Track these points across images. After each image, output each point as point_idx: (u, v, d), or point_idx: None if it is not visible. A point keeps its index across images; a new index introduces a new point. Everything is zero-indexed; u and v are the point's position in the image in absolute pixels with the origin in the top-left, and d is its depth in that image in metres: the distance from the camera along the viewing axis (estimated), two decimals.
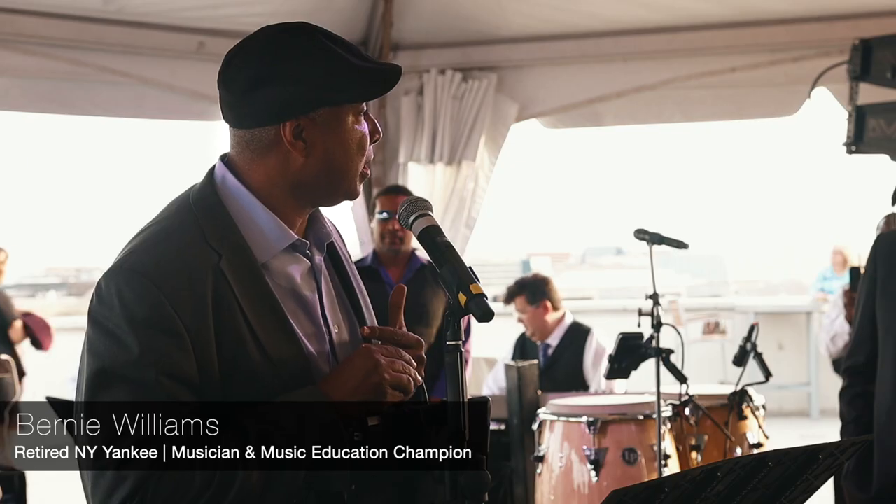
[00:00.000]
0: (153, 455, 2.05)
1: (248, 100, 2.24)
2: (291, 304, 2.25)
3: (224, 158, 2.32)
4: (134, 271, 2.13)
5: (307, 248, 2.33)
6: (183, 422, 2.08)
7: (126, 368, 2.08)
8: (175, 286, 2.12)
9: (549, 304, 7.01)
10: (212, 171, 2.32)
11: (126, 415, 2.06)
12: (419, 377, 2.29)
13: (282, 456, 2.07)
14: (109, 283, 2.13)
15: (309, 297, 2.30)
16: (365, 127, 2.31)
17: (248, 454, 2.06)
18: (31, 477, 6.32)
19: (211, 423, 2.09)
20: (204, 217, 2.23)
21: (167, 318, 2.09)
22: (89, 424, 2.08)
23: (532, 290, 7.02)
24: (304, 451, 2.08)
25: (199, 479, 2.04)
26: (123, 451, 2.05)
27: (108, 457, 2.05)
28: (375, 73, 2.29)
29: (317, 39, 2.27)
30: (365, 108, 2.32)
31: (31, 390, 9.40)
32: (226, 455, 2.06)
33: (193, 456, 2.06)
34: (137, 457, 2.05)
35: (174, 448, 2.06)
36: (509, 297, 7.12)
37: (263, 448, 2.07)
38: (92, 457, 2.07)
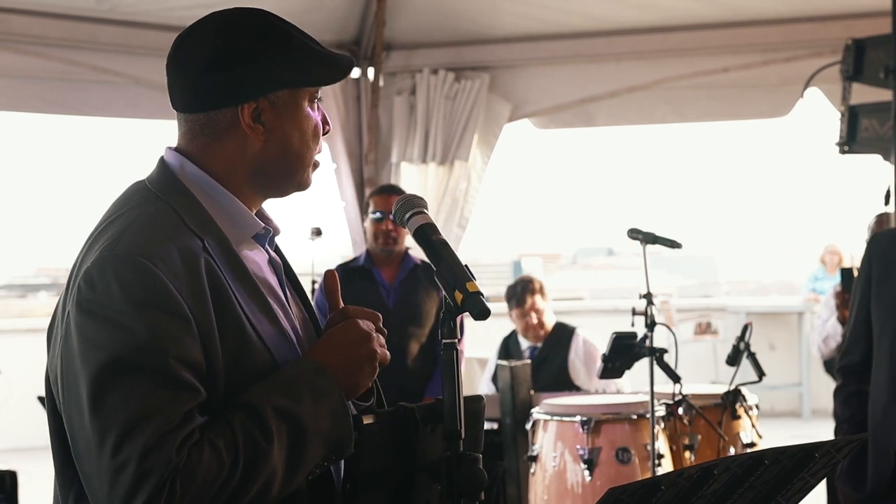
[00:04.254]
0: (176, 445, 1.89)
1: (203, 81, 2.15)
2: (266, 292, 2.19)
3: (176, 149, 2.21)
4: (132, 254, 1.98)
5: (267, 240, 2.27)
6: (200, 410, 1.96)
7: (136, 356, 1.92)
8: (175, 268, 2.00)
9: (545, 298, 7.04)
10: (162, 161, 2.21)
11: (142, 405, 1.90)
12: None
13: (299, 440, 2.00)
14: (104, 269, 1.97)
15: (276, 285, 2.25)
16: (318, 115, 2.25)
17: (270, 437, 1.97)
18: (23, 476, 6.31)
19: (227, 410, 1.99)
20: (176, 203, 2.12)
21: (173, 300, 1.96)
22: (101, 420, 1.91)
23: (540, 287, 7.02)
24: (318, 429, 2.02)
25: (226, 463, 1.92)
26: (144, 444, 1.88)
27: (126, 453, 1.88)
28: (333, 59, 2.24)
29: (272, 22, 2.21)
30: (318, 95, 2.25)
31: (24, 389, 9.38)
32: (247, 438, 1.96)
33: (215, 445, 1.93)
34: (160, 448, 1.88)
35: (196, 437, 1.93)
36: (523, 298, 6.97)
37: (283, 428, 1.99)
38: (108, 455, 1.89)
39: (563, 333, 6.99)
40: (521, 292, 6.95)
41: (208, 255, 2.08)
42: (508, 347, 7.19)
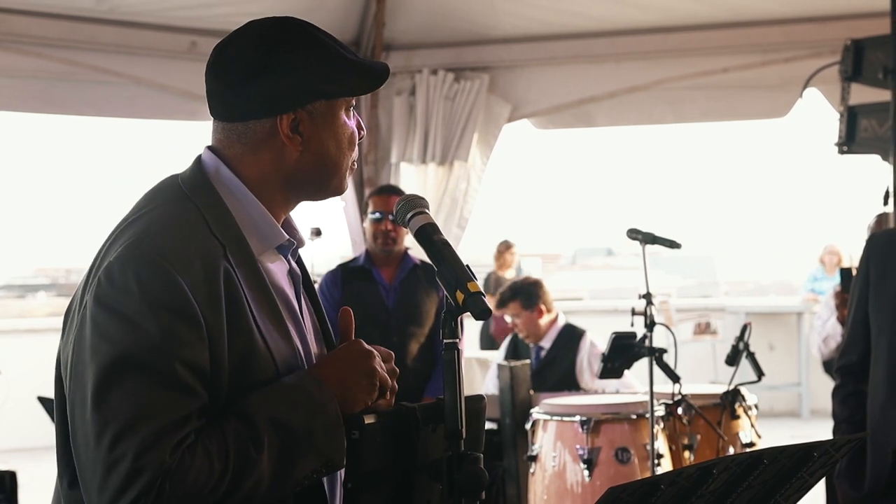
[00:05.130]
0: (171, 447, 1.93)
1: (242, 91, 2.18)
2: (281, 303, 2.22)
3: (214, 152, 2.24)
4: (154, 255, 2.02)
5: (289, 251, 2.29)
6: (199, 414, 2.00)
7: (145, 355, 1.97)
8: (194, 273, 2.03)
9: (543, 307, 7.01)
10: (199, 161, 2.24)
11: (144, 404, 1.94)
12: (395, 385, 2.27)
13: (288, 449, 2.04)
14: (125, 267, 2.01)
15: (292, 297, 2.27)
16: (353, 122, 2.28)
17: (261, 448, 2.01)
18: (22, 476, 6.31)
19: (224, 416, 2.04)
20: (204, 207, 2.16)
21: (188, 304, 2.00)
22: (102, 414, 1.95)
23: (526, 295, 7.00)
24: (312, 443, 2.06)
25: (216, 470, 1.96)
26: (140, 443, 1.92)
27: (122, 449, 1.92)
28: (368, 68, 2.27)
29: (310, 32, 2.25)
30: (353, 103, 2.28)
31: (23, 390, 9.39)
32: (239, 446, 2.00)
33: (209, 450, 1.97)
34: (155, 448, 1.92)
35: (192, 440, 1.97)
36: (503, 303, 7.07)
37: (274, 439, 2.03)
38: (105, 449, 1.94)
39: (573, 335, 6.99)
40: (502, 299, 7.10)
41: (228, 263, 2.10)
42: (517, 346, 7.21)
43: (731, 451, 5.42)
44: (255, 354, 2.10)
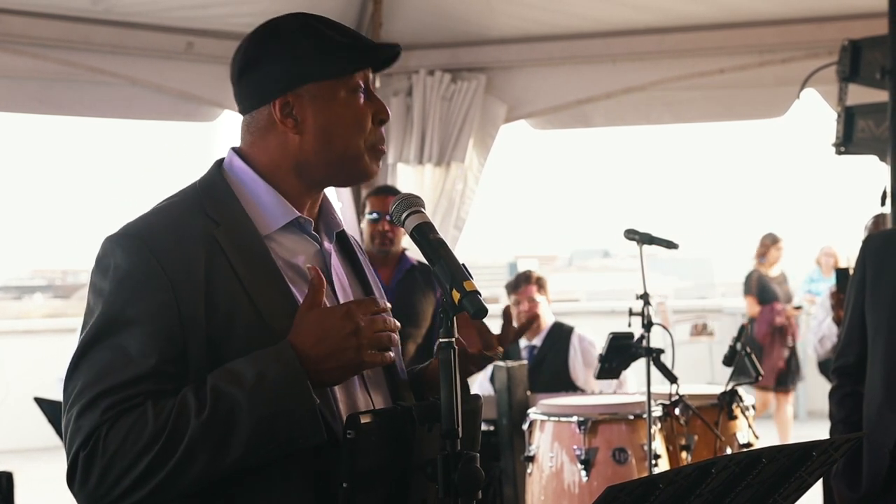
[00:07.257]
0: (106, 406, 2.10)
1: (241, 84, 2.35)
2: (293, 276, 2.28)
3: (234, 148, 2.40)
4: (127, 234, 2.21)
5: (312, 229, 2.36)
6: (154, 376, 2.13)
7: (107, 325, 2.15)
8: (163, 244, 2.18)
9: (548, 297, 7.08)
10: (220, 159, 2.40)
11: (96, 370, 2.13)
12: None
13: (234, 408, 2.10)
14: (105, 246, 2.22)
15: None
16: (363, 104, 2.34)
17: (201, 414, 2.08)
18: (19, 478, 6.30)
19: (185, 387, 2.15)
20: (206, 194, 2.31)
21: (153, 273, 2.16)
22: (71, 382, 2.16)
23: (540, 281, 7.08)
24: (263, 401, 2.09)
25: (150, 428, 2.08)
26: (82, 404, 2.12)
27: (70, 413, 2.14)
28: (361, 48, 2.34)
29: (302, 21, 2.34)
30: (362, 86, 2.34)
31: (20, 391, 9.39)
32: (181, 410, 2.09)
33: (150, 411, 2.09)
34: (91, 409, 2.11)
35: (138, 401, 2.11)
36: (517, 286, 7.09)
37: (218, 401, 2.09)
38: (65, 412, 2.16)
39: (562, 333, 7.00)
40: (516, 280, 7.10)
41: (214, 240, 2.21)
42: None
43: (729, 451, 5.41)
44: (240, 318, 2.18)
